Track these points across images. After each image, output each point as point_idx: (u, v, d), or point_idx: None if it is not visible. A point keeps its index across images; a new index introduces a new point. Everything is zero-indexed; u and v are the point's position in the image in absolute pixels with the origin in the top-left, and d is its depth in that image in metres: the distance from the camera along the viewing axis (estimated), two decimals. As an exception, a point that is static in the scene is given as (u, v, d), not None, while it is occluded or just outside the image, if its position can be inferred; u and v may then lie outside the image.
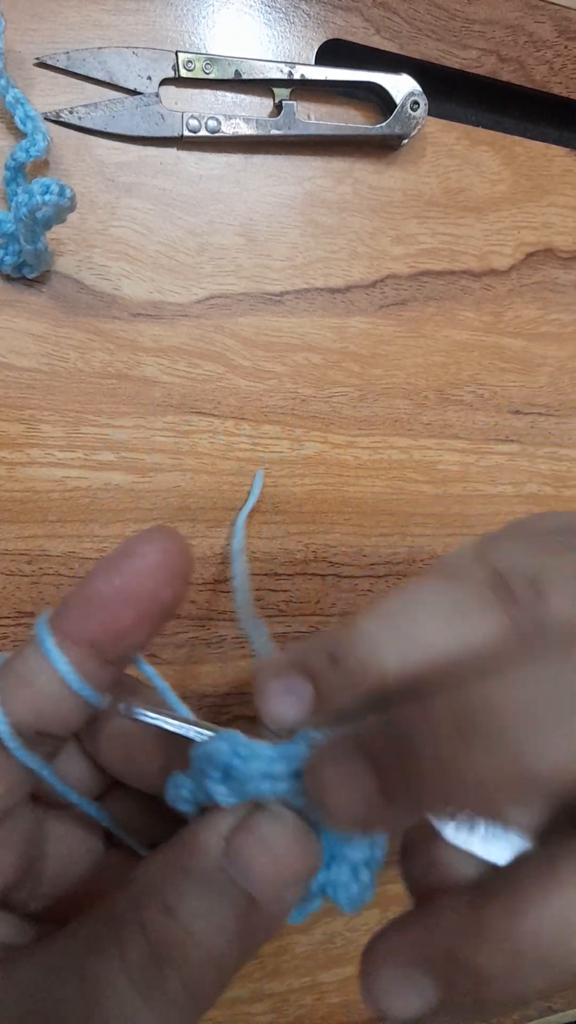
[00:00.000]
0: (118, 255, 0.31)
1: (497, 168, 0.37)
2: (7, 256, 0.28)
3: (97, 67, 0.30)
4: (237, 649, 0.32)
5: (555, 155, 0.38)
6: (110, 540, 0.30)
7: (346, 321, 0.34)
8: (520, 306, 0.38)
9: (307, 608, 0.33)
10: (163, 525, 0.19)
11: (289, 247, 0.34)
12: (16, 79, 0.29)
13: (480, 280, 0.37)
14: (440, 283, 0.36)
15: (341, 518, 0.34)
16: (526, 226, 0.38)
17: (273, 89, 0.33)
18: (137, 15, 0.31)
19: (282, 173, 0.34)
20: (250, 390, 0.33)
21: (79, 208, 0.30)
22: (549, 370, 0.38)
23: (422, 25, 0.35)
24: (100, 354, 0.31)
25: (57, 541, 0.30)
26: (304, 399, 0.34)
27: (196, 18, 0.32)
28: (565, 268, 0.39)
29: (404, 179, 0.36)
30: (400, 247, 0.35)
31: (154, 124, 0.31)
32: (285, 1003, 0.32)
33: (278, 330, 0.33)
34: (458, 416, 0.36)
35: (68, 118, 0.30)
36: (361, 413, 0.35)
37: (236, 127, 0.32)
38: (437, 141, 0.36)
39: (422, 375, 0.36)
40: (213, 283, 0.32)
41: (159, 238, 0.32)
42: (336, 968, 0.33)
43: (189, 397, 0.32)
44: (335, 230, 0.34)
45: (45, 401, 0.30)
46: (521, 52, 0.37)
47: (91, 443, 0.30)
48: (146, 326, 0.31)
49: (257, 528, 0.33)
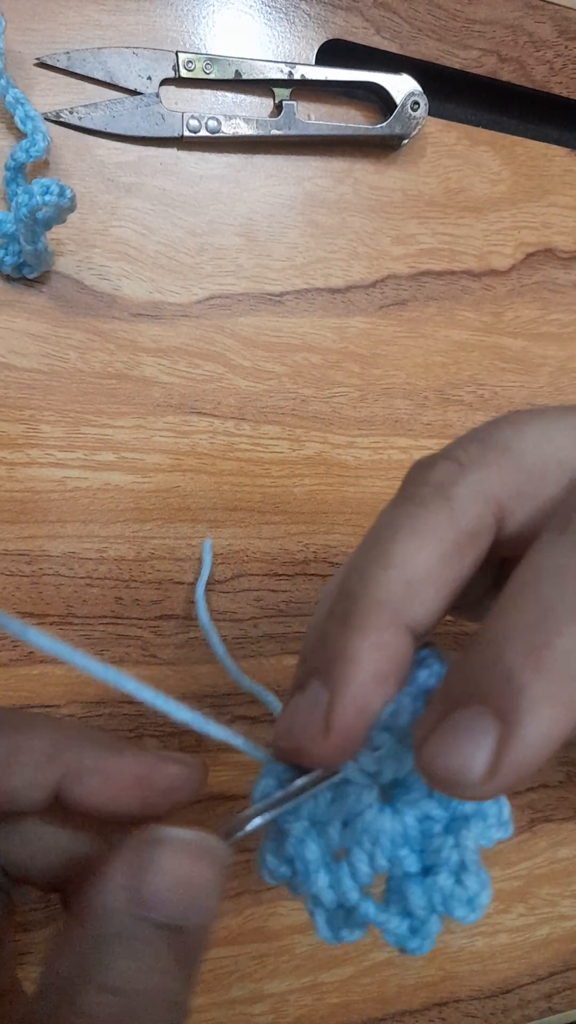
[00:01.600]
0: (118, 255, 0.31)
1: (497, 168, 0.37)
2: (7, 256, 0.28)
3: (97, 67, 0.30)
4: (237, 649, 0.32)
5: (555, 155, 0.38)
6: (110, 540, 0.30)
7: (346, 321, 0.34)
8: (520, 306, 0.38)
9: (307, 608, 0.33)
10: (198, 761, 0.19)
11: (289, 247, 0.34)
12: (16, 79, 0.29)
13: (480, 280, 0.37)
14: (440, 283, 0.36)
15: (341, 518, 0.34)
16: (526, 226, 0.38)
17: (273, 89, 0.33)
18: (137, 15, 0.31)
19: (282, 173, 0.34)
20: (250, 390, 0.33)
21: (79, 208, 0.30)
22: (549, 370, 0.38)
23: (422, 25, 0.35)
24: (100, 354, 0.31)
25: (57, 541, 0.30)
26: (304, 399, 0.34)
27: (196, 18, 0.32)
28: (565, 268, 0.39)
29: (404, 179, 0.36)
30: (400, 247, 0.35)
31: (154, 124, 0.31)
32: (285, 1003, 0.32)
33: (278, 330, 0.33)
34: (458, 416, 0.36)
35: (68, 118, 0.30)
36: (361, 413, 0.35)
37: (236, 127, 0.32)
38: (437, 141, 0.36)
39: (422, 375, 0.36)
40: (213, 283, 0.32)
41: (159, 238, 0.32)
42: (336, 968, 0.33)
43: (189, 397, 0.32)
44: (335, 230, 0.34)
45: (45, 401, 0.30)
46: (521, 52, 0.37)
47: (91, 443, 0.30)
48: (146, 326, 0.31)
49: (257, 528, 0.33)
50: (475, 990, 0.34)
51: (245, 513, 0.32)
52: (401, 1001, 0.33)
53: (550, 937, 0.36)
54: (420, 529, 0.16)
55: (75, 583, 0.30)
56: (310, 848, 0.16)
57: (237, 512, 0.32)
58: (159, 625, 0.31)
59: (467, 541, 0.16)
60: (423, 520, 0.16)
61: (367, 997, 0.33)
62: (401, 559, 0.15)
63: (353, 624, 0.15)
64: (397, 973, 0.33)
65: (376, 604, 0.15)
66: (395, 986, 0.33)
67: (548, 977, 0.36)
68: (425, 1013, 0.33)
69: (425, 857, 0.16)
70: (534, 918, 0.35)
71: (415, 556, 0.15)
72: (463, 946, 0.34)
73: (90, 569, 0.30)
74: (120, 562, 0.31)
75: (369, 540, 0.16)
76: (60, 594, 0.30)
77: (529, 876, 0.35)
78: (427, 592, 0.16)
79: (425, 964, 0.34)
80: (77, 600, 0.30)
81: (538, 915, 0.35)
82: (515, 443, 0.16)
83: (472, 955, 0.34)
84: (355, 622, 0.15)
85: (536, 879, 0.35)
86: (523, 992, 0.35)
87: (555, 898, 0.36)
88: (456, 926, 0.34)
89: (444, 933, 0.36)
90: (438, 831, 0.16)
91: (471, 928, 0.34)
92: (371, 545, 0.16)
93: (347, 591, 0.16)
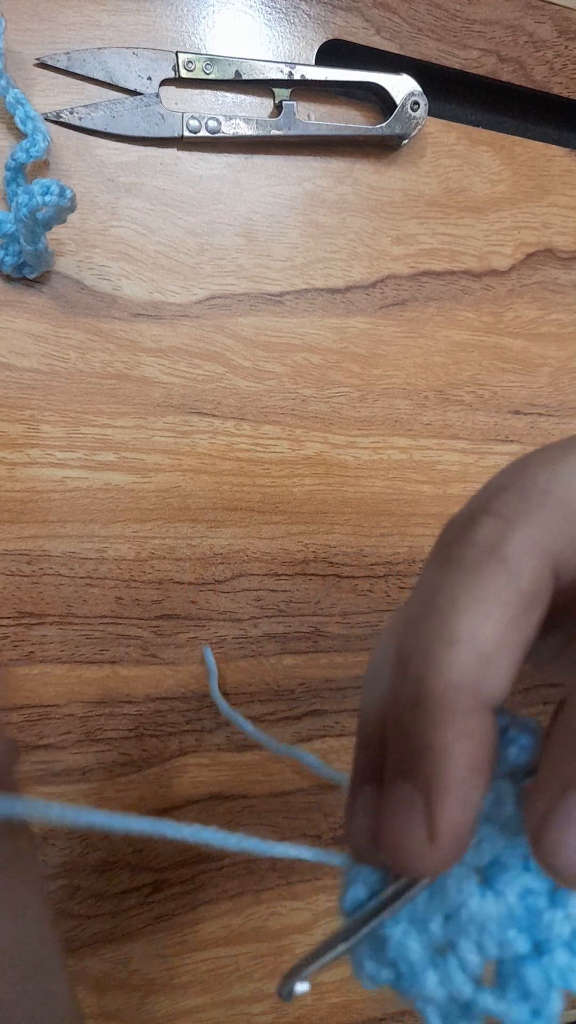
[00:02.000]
0: (118, 255, 0.31)
1: (497, 168, 0.37)
2: (8, 257, 0.28)
3: (97, 67, 0.30)
4: (237, 649, 0.32)
5: (555, 155, 0.38)
6: (110, 540, 0.30)
7: (346, 321, 0.34)
8: (520, 306, 0.38)
9: (307, 608, 0.33)
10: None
11: (289, 247, 0.34)
12: (16, 79, 0.29)
13: (480, 280, 0.37)
14: (440, 283, 0.36)
15: (341, 518, 0.34)
16: (526, 226, 0.38)
17: (273, 89, 0.33)
18: (137, 15, 0.31)
19: (282, 173, 0.34)
20: (250, 390, 0.33)
21: (79, 208, 0.30)
22: (549, 370, 0.38)
23: (422, 25, 0.35)
24: (100, 354, 0.31)
25: (57, 541, 0.30)
26: (304, 399, 0.34)
27: (196, 18, 0.32)
28: (565, 268, 0.39)
29: (404, 179, 0.36)
30: (400, 247, 0.35)
31: (154, 124, 0.31)
32: (285, 1003, 0.32)
33: (278, 330, 0.33)
34: (458, 416, 0.36)
35: (68, 118, 0.30)
36: (361, 413, 0.35)
37: (236, 127, 0.32)
38: (437, 141, 0.36)
39: (422, 375, 0.36)
40: (213, 283, 0.32)
41: (159, 238, 0.32)
42: (336, 968, 0.33)
43: (189, 397, 0.32)
44: (335, 230, 0.34)
45: (45, 401, 0.30)
46: (521, 52, 0.37)
47: (91, 443, 0.30)
48: (146, 326, 0.31)
49: (257, 528, 0.33)
50: (475, 990, 0.34)
51: (245, 513, 0.32)
52: (401, 1001, 0.33)
53: (550, 937, 0.36)
54: (480, 597, 0.14)
55: (75, 583, 0.30)
56: (413, 949, 0.16)
57: (237, 512, 0.32)
58: (159, 625, 0.31)
59: (530, 602, 0.15)
60: (481, 587, 0.14)
61: (367, 997, 0.33)
62: (467, 633, 0.14)
63: (431, 714, 0.14)
64: (397, 973, 0.33)
65: (452, 688, 0.14)
66: (395, 986, 0.33)
67: (548, 977, 0.36)
68: (425, 1013, 0.33)
69: (535, 933, 0.15)
70: (534, 918, 0.35)
71: (482, 628, 0.14)
72: (463, 946, 0.34)
73: (90, 569, 0.30)
74: (120, 562, 0.31)
75: (421, 611, 0.15)
76: (60, 594, 0.30)
77: (529, 876, 0.35)
78: (500, 664, 0.14)
79: (425, 964, 0.34)
80: (77, 600, 0.30)
81: (538, 915, 0.35)
82: (554, 487, 0.15)
83: (472, 955, 0.34)
84: (433, 711, 0.14)
85: (536, 879, 0.35)
86: (523, 992, 0.35)
87: (555, 898, 0.36)
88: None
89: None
90: (543, 904, 0.15)
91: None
92: (426, 617, 0.15)
93: (414, 675, 0.14)
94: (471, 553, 0.15)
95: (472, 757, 0.14)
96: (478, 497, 0.16)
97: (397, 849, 0.14)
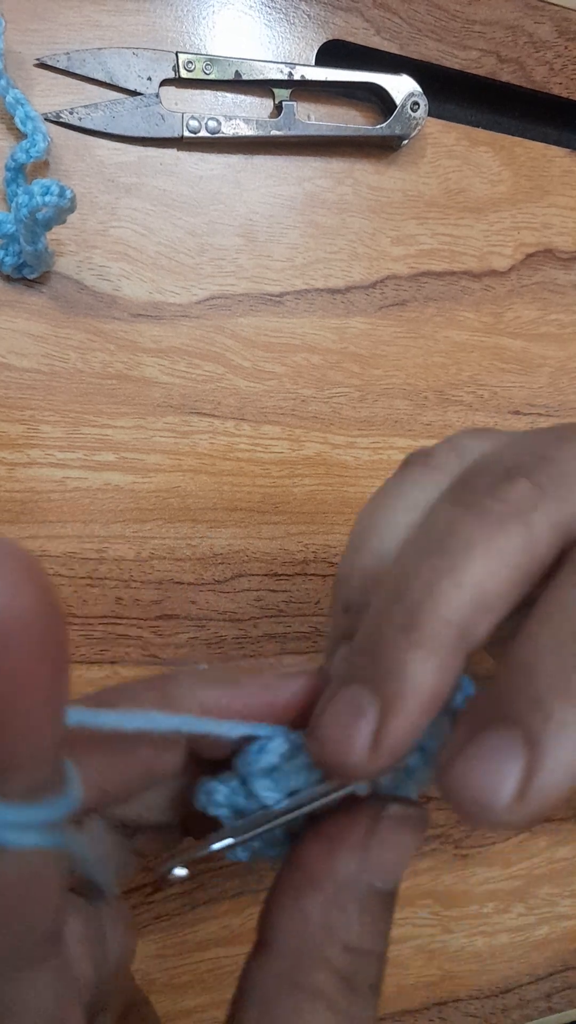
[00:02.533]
0: (118, 256, 0.31)
1: (497, 169, 0.37)
2: (7, 257, 0.28)
3: (97, 68, 0.30)
4: (237, 649, 0.32)
5: (555, 156, 0.38)
6: (110, 540, 0.30)
7: (346, 322, 0.34)
8: (520, 307, 0.38)
9: (307, 608, 0.33)
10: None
11: (289, 248, 0.34)
12: (16, 79, 0.29)
13: (480, 281, 0.37)
14: (440, 284, 0.36)
15: (341, 518, 0.34)
16: (526, 227, 0.38)
17: (273, 90, 0.33)
18: (137, 15, 0.31)
19: (282, 174, 0.34)
20: (250, 390, 0.33)
21: (79, 209, 0.30)
22: (549, 371, 0.38)
23: (422, 26, 0.35)
24: (100, 354, 0.31)
25: (57, 541, 0.30)
26: (304, 399, 0.34)
27: (196, 18, 0.32)
28: (565, 269, 0.39)
29: (404, 180, 0.36)
30: (400, 248, 0.35)
31: (154, 125, 0.31)
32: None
33: (278, 330, 0.33)
34: (458, 417, 0.36)
35: (68, 119, 0.30)
36: (361, 414, 0.35)
37: (236, 128, 0.32)
38: (437, 142, 0.36)
39: (422, 376, 0.36)
40: (213, 284, 0.32)
41: (159, 239, 0.32)
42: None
43: (189, 397, 0.32)
44: (335, 231, 0.34)
45: (45, 401, 0.30)
46: (521, 52, 0.37)
47: (91, 443, 0.30)
48: (146, 327, 0.31)
49: (257, 528, 0.33)
50: (475, 990, 0.34)
51: (245, 513, 0.33)
52: (401, 1001, 0.33)
53: (549, 937, 0.36)
54: (497, 551, 0.15)
55: (75, 583, 0.30)
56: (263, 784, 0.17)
57: (237, 512, 0.32)
58: (159, 625, 0.31)
59: (536, 572, 0.15)
60: (500, 542, 0.15)
61: (367, 997, 0.33)
62: (474, 579, 0.15)
63: (418, 641, 0.15)
64: (397, 973, 0.33)
65: (445, 624, 0.15)
66: (395, 986, 0.33)
67: (547, 977, 0.36)
68: (425, 1013, 0.33)
69: None
70: (533, 918, 0.35)
71: (488, 581, 0.15)
72: (463, 946, 0.34)
73: (90, 569, 0.30)
74: (120, 562, 0.31)
75: (434, 544, 0.16)
76: (60, 594, 0.30)
77: (528, 876, 0.35)
78: (492, 618, 0.15)
79: (425, 964, 0.34)
80: (77, 600, 0.30)
81: (537, 915, 0.35)
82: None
83: (472, 955, 0.34)
84: (421, 639, 0.15)
85: (535, 879, 0.35)
86: (523, 992, 0.35)
87: (554, 898, 0.36)
88: (456, 926, 0.34)
89: (444, 933, 0.36)
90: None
91: (471, 928, 0.34)
92: (438, 551, 0.15)
93: (412, 600, 0.15)
94: (499, 508, 0.15)
95: (436, 690, 0.15)
96: (517, 452, 0.17)
97: (336, 744, 0.15)
